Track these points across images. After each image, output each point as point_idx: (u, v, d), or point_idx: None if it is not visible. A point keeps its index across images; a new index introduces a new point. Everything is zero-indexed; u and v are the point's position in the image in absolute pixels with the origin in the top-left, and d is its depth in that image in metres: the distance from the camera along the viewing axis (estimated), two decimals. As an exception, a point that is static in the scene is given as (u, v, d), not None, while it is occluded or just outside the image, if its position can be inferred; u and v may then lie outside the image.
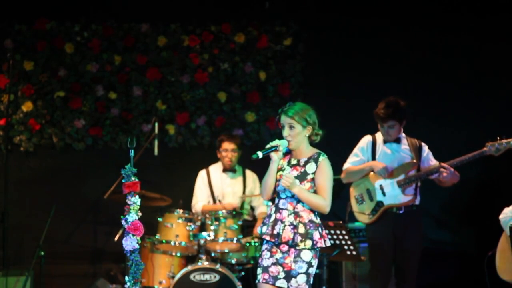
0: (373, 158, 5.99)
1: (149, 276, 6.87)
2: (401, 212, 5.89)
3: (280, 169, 4.79)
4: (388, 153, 5.97)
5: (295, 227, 4.66)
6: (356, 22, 7.81)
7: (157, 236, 6.86)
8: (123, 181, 4.36)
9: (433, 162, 5.97)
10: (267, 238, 4.70)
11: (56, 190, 7.74)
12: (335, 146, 7.62)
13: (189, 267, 6.60)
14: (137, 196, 4.34)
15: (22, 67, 7.77)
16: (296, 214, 4.69)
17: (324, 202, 4.67)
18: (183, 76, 7.85)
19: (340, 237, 5.74)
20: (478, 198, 7.64)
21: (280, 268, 4.68)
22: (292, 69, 7.89)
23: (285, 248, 4.68)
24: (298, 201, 4.70)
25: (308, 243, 4.65)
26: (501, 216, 5.86)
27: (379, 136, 6.04)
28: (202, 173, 7.25)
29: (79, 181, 7.83)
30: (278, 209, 4.73)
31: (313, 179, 4.71)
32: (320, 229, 4.71)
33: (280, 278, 4.67)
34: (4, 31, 7.79)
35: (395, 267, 5.98)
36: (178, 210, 6.87)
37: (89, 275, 7.72)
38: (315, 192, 4.71)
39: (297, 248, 4.65)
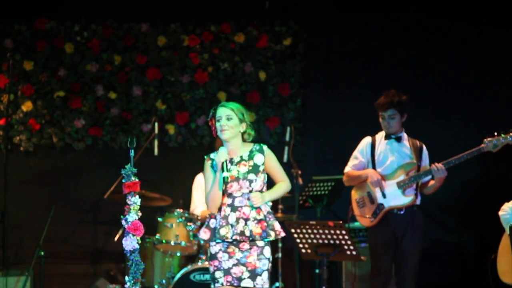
0: (373, 159, 5.98)
1: (149, 276, 6.87)
2: (401, 212, 5.88)
3: (227, 170, 4.75)
4: (388, 153, 5.96)
5: (260, 221, 4.69)
6: (356, 22, 7.82)
7: (157, 236, 6.86)
8: (123, 181, 4.36)
9: (428, 166, 5.97)
10: (237, 238, 4.67)
11: (56, 190, 7.73)
12: (335, 146, 7.67)
13: (189, 267, 6.60)
14: (137, 196, 4.33)
15: (22, 67, 7.77)
16: (258, 208, 4.72)
17: (286, 184, 4.87)
18: (183, 76, 7.85)
19: (340, 237, 5.73)
20: (478, 198, 7.64)
21: (244, 268, 4.68)
22: (292, 69, 7.89)
23: (245, 246, 4.69)
24: None
25: (272, 234, 4.70)
26: (500, 213, 5.85)
27: (379, 136, 6.04)
28: (199, 177, 7.21)
29: (79, 181, 7.83)
30: (235, 208, 4.71)
31: (263, 170, 4.78)
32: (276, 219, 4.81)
33: (244, 278, 4.67)
34: (4, 31, 7.79)
35: (395, 267, 5.97)
36: (178, 210, 6.87)
37: (89, 275, 7.72)
38: (266, 182, 4.79)
39: (259, 245, 4.69)
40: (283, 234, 4.78)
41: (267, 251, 4.73)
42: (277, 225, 4.74)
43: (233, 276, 4.68)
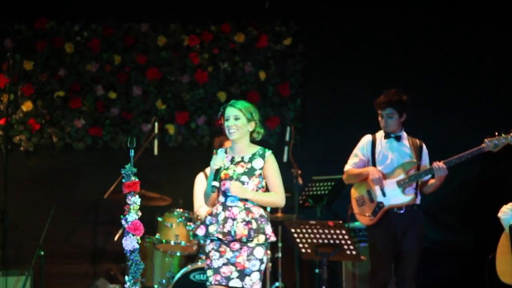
0: (373, 157, 5.98)
1: (149, 276, 6.87)
2: (401, 212, 5.88)
3: (224, 168, 4.77)
4: (388, 152, 5.96)
5: (248, 223, 4.67)
6: (356, 22, 7.82)
7: (157, 236, 6.86)
8: (123, 181, 4.36)
9: (427, 165, 5.97)
10: (220, 236, 4.67)
11: (56, 190, 7.73)
12: (335, 145, 7.67)
13: (189, 267, 6.60)
14: (137, 196, 4.33)
15: (22, 67, 7.77)
16: (248, 210, 4.70)
17: (278, 197, 4.77)
18: (183, 76, 7.86)
19: (340, 237, 5.73)
20: (478, 198, 7.63)
21: (233, 268, 4.67)
22: (292, 69, 7.90)
23: (236, 246, 4.68)
24: None
25: (261, 238, 4.68)
26: (500, 214, 5.84)
27: (379, 135, 6.04)
28: (200, 177, 7.19)
29: (79, 181, 7.83)
30: (226, 207, 4.71)
31: (260, 174, 4.75)
32: (269, 223, 4.77)
33: (233, 278, 4.67)
34: (4, 31, 7.80)
35: (395, 267, 5.97)
36: (178, 210, 6.87)
37: (89, 275, 7.72)
38: (263, 187, 4.77)
39: (250, 245, 4.67)
40: (273, 238, 4.75)
41: (259, 252, 4.70)
42: (268, 229, 4.73)
43: (222, 275, 4.68)
